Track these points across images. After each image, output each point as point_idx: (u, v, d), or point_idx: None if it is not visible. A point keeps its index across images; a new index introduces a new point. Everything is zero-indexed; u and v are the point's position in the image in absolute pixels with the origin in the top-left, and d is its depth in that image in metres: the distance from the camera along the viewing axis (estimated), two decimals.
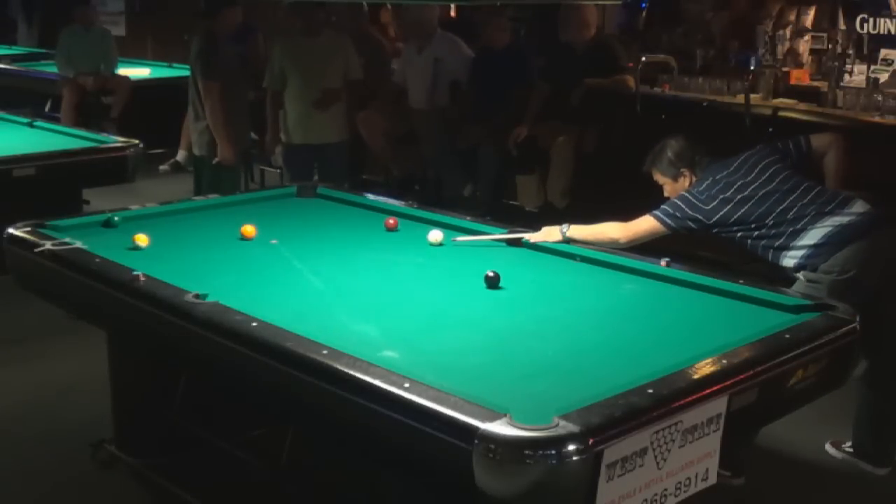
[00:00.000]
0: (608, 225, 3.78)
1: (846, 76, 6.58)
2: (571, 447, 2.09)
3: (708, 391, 2.43)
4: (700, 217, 3.77)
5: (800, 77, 7.04)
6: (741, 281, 3.24)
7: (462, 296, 3.21)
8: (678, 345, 2.72)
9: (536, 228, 3.78)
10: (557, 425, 2.13)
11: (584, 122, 6.73)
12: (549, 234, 3.73)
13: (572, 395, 2.30)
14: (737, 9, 7.81)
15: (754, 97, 6.26)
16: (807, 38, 7.61)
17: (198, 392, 3.62)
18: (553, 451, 2.09)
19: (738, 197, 3.76)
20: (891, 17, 6.60)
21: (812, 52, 7.56)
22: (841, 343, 2.87)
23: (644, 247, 3.75)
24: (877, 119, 5.84)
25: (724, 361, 2.54)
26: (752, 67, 6.80)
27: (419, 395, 2.28)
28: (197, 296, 2.92)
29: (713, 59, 7.61)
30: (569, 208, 6.74)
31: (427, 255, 3.69)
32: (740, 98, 6.23)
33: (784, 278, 3.72)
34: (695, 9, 8.41)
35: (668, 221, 3.79)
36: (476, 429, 2.13)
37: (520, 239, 3.78)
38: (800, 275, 3.69)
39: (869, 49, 6.67)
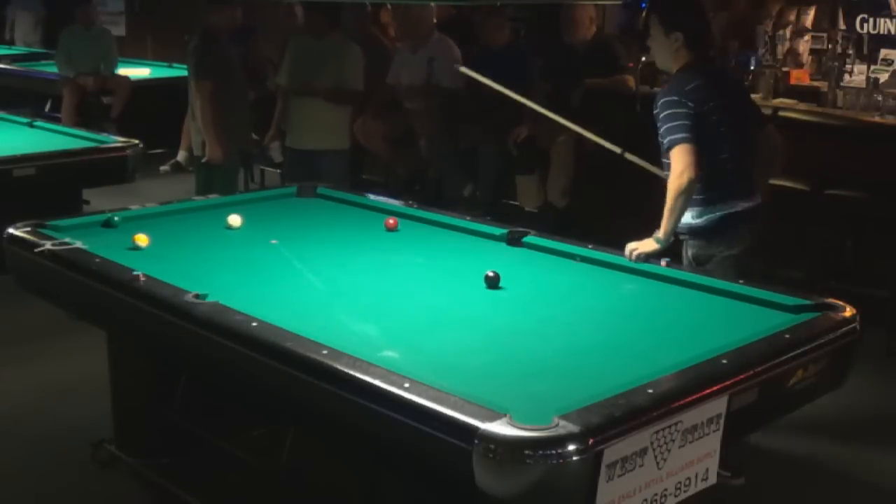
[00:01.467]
0: (669, 192, 3.73)
1: (846, 76, 6.58)
2: (571, 447, 2.09)
3: (708, 391, 2.43)
4: (692, 113, 3.73)
5: (800, 77, 7.05)
6: (741, 281, 3.24)
7: (462, 296, 3.21)
8: (678, 345, 2.72)
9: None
10: (557, 425, 2.13)
11: (584, 122, 6.71)
12: (647, 245, 3.61)
13: (572, 395, 2.30)
14: (737, 9, 7.81)
15: (754, 97, 6.26)
16: (807, 38, 7.61)
17: (198, 392, 3.62)
18: (553, 451, 2.09)
19: (716, 118, 3.80)
20: (891, 17, 6.61)
21: (812, 52, 7.56)
22: (841, 343, 2.87)
23: None
24: (877, 119, 5.85)
25: (724, 361, 2.54)
26: (752, 67, 6.80)
27: (419, 395, 2.28)
28: (197, 296, 2.92)
29: (713, 59, 7.60)
30: (569, 208, 6.74)
31: (427, 255, 3.69)
32: None
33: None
34: None
35: (689, 135, 3.70)
36: (476, 429, 2.13)
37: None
38: (689, 238, 3.86)
39: (869, 49, 6.67)
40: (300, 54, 6.42)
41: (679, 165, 3.70)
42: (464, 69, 4.25)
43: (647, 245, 3.61)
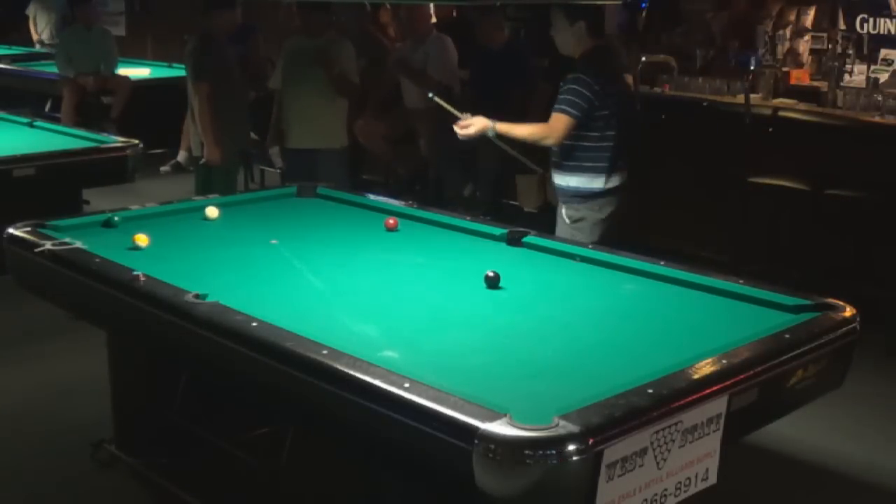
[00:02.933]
0: (533, 127, 4.41)
1: (846, 76, 6.58)
2: (571, 447, 2.09)
3: (708, 391, 2.42)
4: (593, 98, 4.28)
5: (800, 77, 7.04)
6: (741, 281, 3.24)
7: (462, 296, 3.21)
8: (678, 345, 2.72)
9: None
10: (557, 425, 2.13)
11: None
12: (479, 122, 4.31)
13: (572, 395, 2.29)
14: (737, 9, 7.81)
15: (754, 97, 6.27)
16: (807, 38, 7.61)
17: (198, 392, 3.62)
18: (553, 451, 2.09)
19: (611, 101, 4.34)
20: (891, 17, 6.61)
21: (812, 52, 7.55)
22: (841, 343, 2.87)
23: (644, 247, 3.75)
24: (877, 119, 5.85)
25: (724, 361, 2.54)
26: (752, 67, 6.79)
27: (419, 395, 2.28)
28: (197, 296, 2.92)
29: (713, 59, 7.61)
30: None
31: (427, 255, 3.69)
32: (740, 98, 6.23)
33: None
34: (695, 9, 8.41)
35: (579, 115, 4.28)
36: (476, 429, 2.13)
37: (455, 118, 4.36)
38: (568, 201, 4.45)
39: (869, 49, 6.67)
40: (294, 55, 6.41)
41: (553, 127, 4.32)
42: (434, 97, 4.55)
43: (482, 123, 4.33)
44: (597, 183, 4.39)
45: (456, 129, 4.34)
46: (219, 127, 6.23)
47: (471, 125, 4.30)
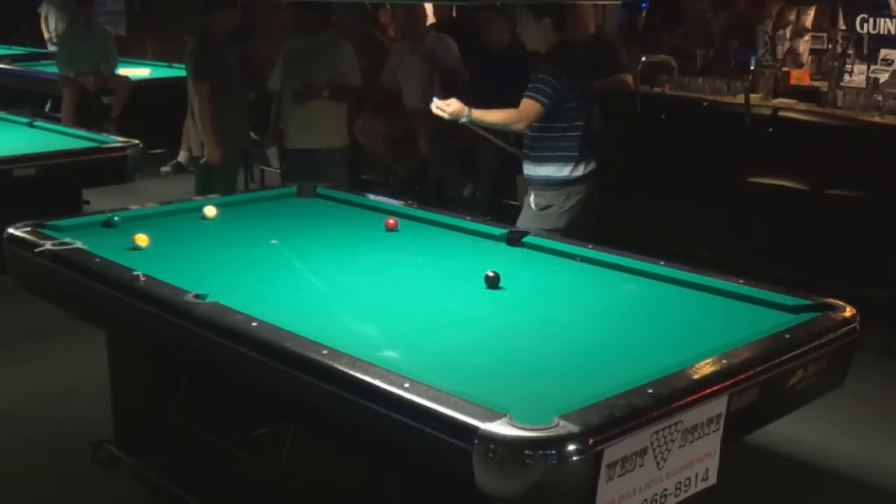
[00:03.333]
0: (504, 112, 4.56)
1: (846, 76, 6.58)
2: (571, 447, 2.09)
3: (708, 391, 2.42)
4: (561, 89, 4.48)
5: (800, 77, 7.05)
6: (741, 281, 3.23)
7: (462, 296, 3.21)
8: (678, 345, 2.72)
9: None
10: (557, 425, 2.13)
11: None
12: (456, 104, 4.41)
13: (572, 395, 2.29)
14: (737, 9, 7.81)
15: (754, 97, 6.27)
16: (807, 38, 7.61)
17: (198, 392, 3.62)
18: (553, 451, 2.09)
19: (578, 93, 4.56)
20: (891, 17, 6.61)
21: (812, 52, 7.56)
22: (841, 343, 2.87)
23: (644, 247, 3.75)
24: (877, 119, 5.85)
25: (724, 361, 2.54)
26: (752, 67, 6.80)
27: (419, 395, 2.28)
28: (197, 296, 2.92)
29: (713, 59, 7.61)
30: None
31: (427, 255, 3.69)
32: (740, 98, 6.23)
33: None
34: (695, 9, 8.41)
35: (548, 102, 4.47)
36: (476, 429, 2.13)
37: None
38: (537, 189, 4.62)
39: (869, 49, 6.67)
40: (293, 56, 6.41)
41: (523, 112, 4.51)
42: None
43: (458, 107, 4.42)
44: (564, 171, 4.60)
45: (433, 107, 4.48)
46: (219, 127, 6.23)
47: (449, 104, 4.44)
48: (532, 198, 4.70)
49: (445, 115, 4.43)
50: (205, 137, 6.24)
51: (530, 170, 4.69)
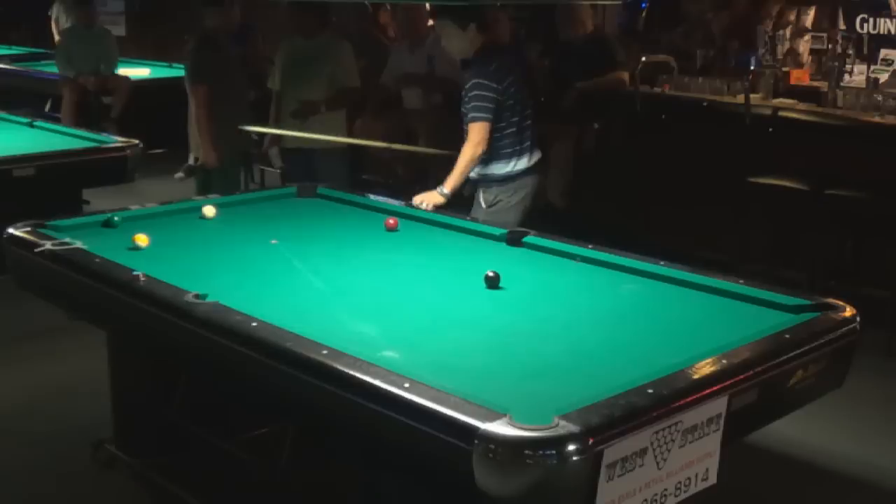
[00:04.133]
0: (462, 154, 4.58)
1: (846, 76, 6.58)
2: (571, 447, 2.09)
3: (708, 391, 2.42)
4: (496, 96, 4.54)
5: (800, 77, 7.05)
6: (741, 281, 3.23)
7: (462, 296, 3.21)
8: (678, 345, 2.72)
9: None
10: (557, 425, 2.13)
11: (583, 122, 6.73)
12: (432, 197, 4.45)
13: (572, 395, 2.29)
14: (737, 9, 7.82)
15: (754, 97, 6.27)
16: (807, 38, 7.62)
17: (198, 392, 3.62)
18: (553, 451, 2.09)
19: (512, 90, 4.64)
20: (891, 17, 6.61)
21: (812, 52, 7.56)
22: (841, 343, 2.87)
23: (644, 247, 3.75)
24: (877, 119, 5.85)
25: (724, 361, 2.54)
26: (752, 67, 6.80)
27: (419, 395, 2.28)
28: (197, 296, 2.92)
29: (713, 59, 7.61)
30: (569, 208, 6.74)
31: (427, 255, 3.69)
32: (740, 98, 6.23)
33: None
34: (695, 9, 8.41)
35: (489, 116, 4.56)
36: (476, 429, 2.13)
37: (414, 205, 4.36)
38: (483, 186, 4.72)
39: (869, 49, 6.67)
40: (292, 56, 6.40)
41: (476, 138, 4.55)
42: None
43: (434, 197, 4.45)
44: (507, 168, 4.70)
45: (414, 203, 4.40)
46: (216, 129, 6.23)
47: (424, 200, 4.42)
48: (480, 195, 4.78)
49: (430, 209, 4.34)
50: (201, 140, 6.24)
51: (475, 170, 4.71)
